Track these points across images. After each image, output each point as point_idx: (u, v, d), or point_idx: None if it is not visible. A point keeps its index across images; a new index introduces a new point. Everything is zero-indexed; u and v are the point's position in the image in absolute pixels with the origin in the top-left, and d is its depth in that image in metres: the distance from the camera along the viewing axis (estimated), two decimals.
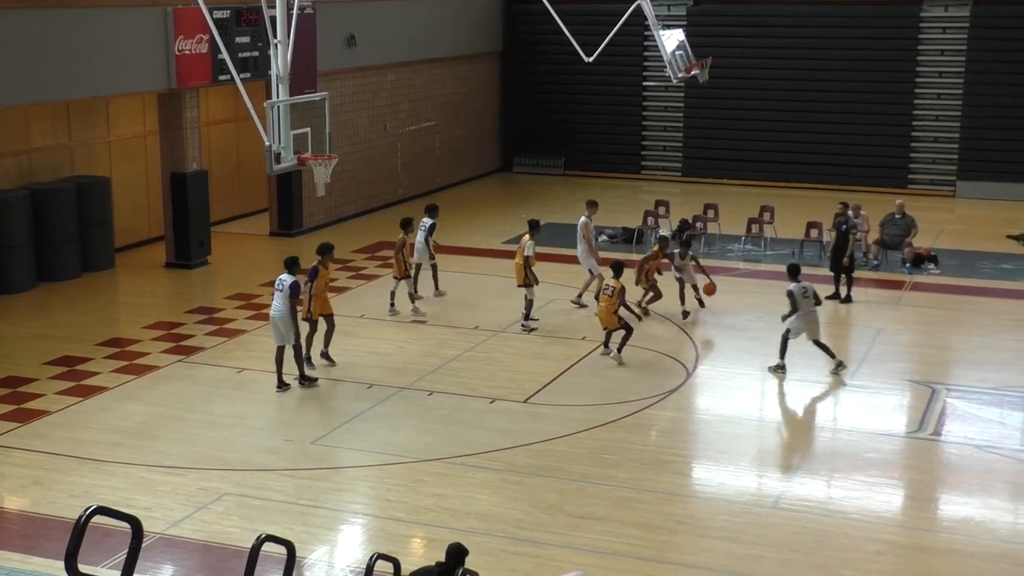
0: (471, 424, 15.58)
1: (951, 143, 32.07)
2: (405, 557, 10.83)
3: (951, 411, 16.29)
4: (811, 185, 32.42)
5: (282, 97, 16.09)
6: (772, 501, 13.43)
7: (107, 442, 14.80)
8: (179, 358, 18.18)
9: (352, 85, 28.39)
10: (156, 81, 22.59)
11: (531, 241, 19.60)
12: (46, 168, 23.31)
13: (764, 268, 24.19)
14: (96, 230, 23.22)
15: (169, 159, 23.77)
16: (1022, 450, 14.99)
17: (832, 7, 32.67)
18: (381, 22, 29.22)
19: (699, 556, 12.04)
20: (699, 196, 29.48)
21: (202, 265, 23.94)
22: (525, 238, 19.69)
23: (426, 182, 31.97)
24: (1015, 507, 13.70)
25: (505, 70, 35.93)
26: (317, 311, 17.38)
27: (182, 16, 22.52)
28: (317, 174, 16.91)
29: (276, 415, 16.16)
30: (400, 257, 20.31)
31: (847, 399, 16.91)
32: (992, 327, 20.19)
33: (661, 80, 32.37)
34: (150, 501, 13.05)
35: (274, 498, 13.26)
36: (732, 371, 18.28)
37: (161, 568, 11.80)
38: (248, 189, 28.45)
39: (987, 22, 31.32)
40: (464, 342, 18.97)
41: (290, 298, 16.43)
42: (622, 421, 15.65)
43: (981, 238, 26.93)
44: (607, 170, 34.75)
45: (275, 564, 10.01)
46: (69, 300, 21.36)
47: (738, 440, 15.31)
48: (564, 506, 13.11)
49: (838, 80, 32.51)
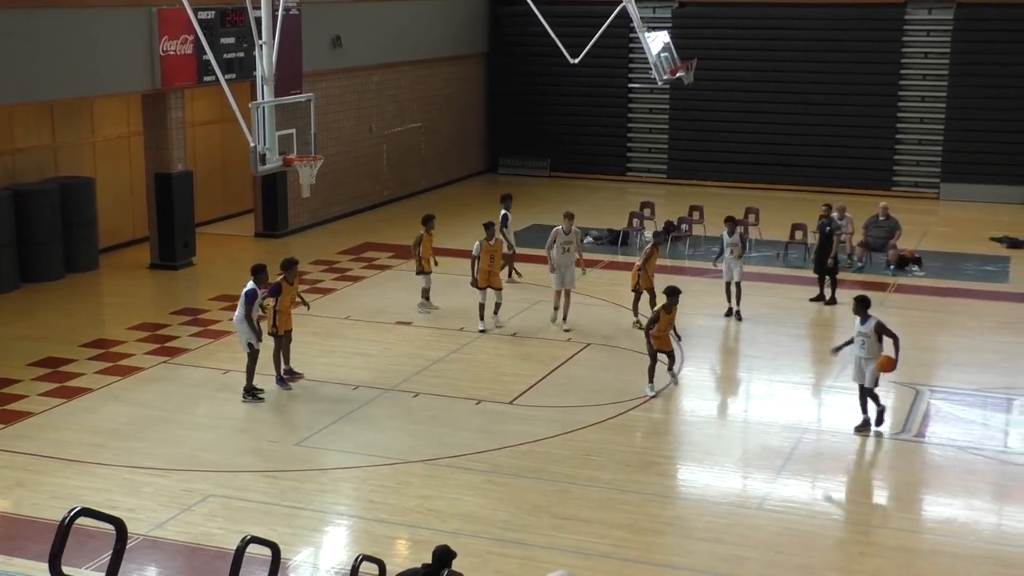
0: (456, 425, 15.57)
1: (935, 145, 32.21)
2: (390, 559, 10.82)
3: (935, 412, 16.35)
4: (796, 187, 32.50)
5: (267, 98, 16.07)
6: (757, 502, 13.46)
7: (91, 443, 14.76)
8: (163, 359, 18.14)
9: (337, 86, 28.37)
10: (141, 82, 22.53)
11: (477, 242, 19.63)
12: (30, 168, 23.23)
13: (749, 270, 24.19)
14: (80, 231, 23.15)
15: (154, 160, 23.72)
16: (1005, 451, 15.06)
17: (817, 9, 32.77)
18: (366, 23, 29.20)
19: (684, 557, 12.06)
20: (684, 198, 29.52)
21: (187, 266, 23.89)
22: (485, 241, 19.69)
23: (411, 183, 31.96)
24: (998, 508, 13.76)
25: (491, 71, 35.94)
26: (283, 327, 16.86)
27: (167, 17, 22.47)
28: (302, 175, 16.89)
29: (260, 416, 16.12)
30: (416, 252, 20.48)
31: (832, 401, 16.95)
32: (975, 329, 20.28)
33: (646, 82, 32.43)
34: (134, 503, 13.01)
35: (259, 500, 13.23)
36: (717, 372, 18.33)
37: (145, 570, 11.78)
38: (233, 190, 28.40)
39: (970, 24, 31.45)
40: (449, 343, 18.97)
41: (243, 304, 16.30)
42: (607, 423, 15.66)
43: (965, 240, 27.03)
44: (592, 172, 34.79)
45: (260, 566, 10.00)
46: (53, 301, 21.29)
47: (723, 442, 15.35)
48: (549, 507, 13.12)
49: (823, 82, 32.61)
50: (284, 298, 16.77)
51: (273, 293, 16.70)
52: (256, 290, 16.35)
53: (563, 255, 19.77)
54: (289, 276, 16.92)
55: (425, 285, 20.75)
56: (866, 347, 15.24)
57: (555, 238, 19.90)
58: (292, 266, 17.09)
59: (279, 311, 16.73)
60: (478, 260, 19.49)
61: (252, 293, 16.30)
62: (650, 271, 19.97)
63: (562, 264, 19.75)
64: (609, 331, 19.72)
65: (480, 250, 19.48)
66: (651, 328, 16.69)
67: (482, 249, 19.48)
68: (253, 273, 16.55)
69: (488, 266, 19.49)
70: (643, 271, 19.81)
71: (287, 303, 16.92)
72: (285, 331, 16.96)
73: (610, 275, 23.79)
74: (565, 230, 19.96)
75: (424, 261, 20.56)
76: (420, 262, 20.59)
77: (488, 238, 19.63)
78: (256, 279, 16.44)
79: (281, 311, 16.77)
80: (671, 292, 16.86)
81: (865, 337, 15.23)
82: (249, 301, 16.27)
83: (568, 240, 19.89)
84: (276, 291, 16.72)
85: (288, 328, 17.02)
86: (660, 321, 16.64)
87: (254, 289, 16.34)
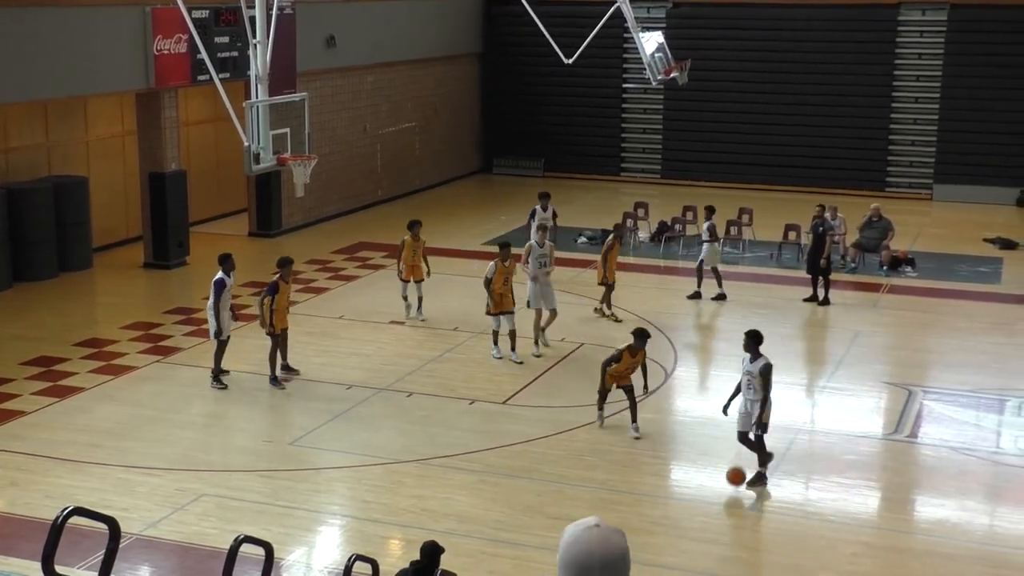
0: (450, 425, 15.58)
1: (928, 146, 32.24)
2: (383, 558, 10.83)
3: (928, 413, 16.38)
4: (789, 188, 32.52)
5: (261, 97, 16.06)
6: (750, 503, 13.48)
7: (84, 443, 14.74)
8: (157, 359, 18.12)
9: (332, 86, 28.35)
10: (134, 81, 22.51)
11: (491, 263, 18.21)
12: (23, 167, 23.19)
13: (742, 270, 24.24)
14: (74, 230, 23.12)
15: (147, 159, 23.69)
16: (997, 452, 15.09)
17: (810, 10, 32.79)
18: (361, 23, 29.18)
19: (677, 557, 12.07)
20: (678, 198, 29.54)
21: (180, 266, 23.86)
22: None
23: (405, 183, 31.95)
24: (991, 509, 13.79)
25: (485, 71, 35.93)
26: (279, 325, 16.92)
27: (161, 16, 22.45)
28: (296, 174, 16.88)
29: (254, 416, 16.12)
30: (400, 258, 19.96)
31: (824, 401, 16.98)
32: (968, 330, 20.31)
33: (641, 82, 32.37)
34: (128, 502, 13.00)
35: (252, 499, 13.23)
36: (710, 373, 18.35)
37: (139, 569, 11.77)
38: (227, 189, 28.36)
39: (964, 26, 31.49)
40: (443, 343, 18.96)
41: (212, 294, 16.55)
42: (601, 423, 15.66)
43: (958, 241, 27.07)
44: (587, 172, 34.78)
45: (253, 565, 9.99)
46: (46, 300, 21.25)
47: (716, 442, 15.34)
48: (542, 507, 13.12)
49: (816, 83, 32.63)
50: (281, 296, 16.86)
51: (270, 292, 16.79)
52: (224, 279, 16.60)
53: (540, 269, 18.65)
54: (285, 274, 17.01)
55: (404, 293, 20.09)
56: (752, 388, 13.63)
57: (529, 252, 18.82)
58: (288, 264, 17.17)
59: (275, 310, 16.80)
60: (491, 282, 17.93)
61: (220, 282, 16.55)
62: (611, 264, 20.14)
63: (542, 281, 18.70)
64: (602, 331, 19.72)
65: (494, 272, 17.99)
66: (609, 365, 15.05)
67: (496, 271, 17.98)
68: (220, 262, 16.79)
69: (502, 289, 17.99)
70: (606, 264, 20.03)
71: (284, 302, 17.01)
72: (282, 329, 17.03)
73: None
74: (539, 242, 19.02)
75: (411, 269, 19.83)
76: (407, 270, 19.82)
77: (503, 259, 18.05)
78: (223, 268, 16.69)
79: (277, 310, 16.85)
80: (639, 335, 15.15)
81: (751, 377, 13.62)
82: (217, 290, 16.50)
83: (543, 254, 18.81)
84: (273, 290, 16.79)
85: (284, 326, 17.11)
86: (621, 363, 15.05)
87: (222, 279, 16.58)
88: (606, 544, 3.52)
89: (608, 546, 3.52)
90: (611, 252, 20.12)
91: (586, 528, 3.55)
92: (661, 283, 22.69)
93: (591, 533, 3.54)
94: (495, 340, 18.31)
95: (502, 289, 17.98)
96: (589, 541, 3.52)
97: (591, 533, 3.54)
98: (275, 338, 16.95)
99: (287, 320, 17.23)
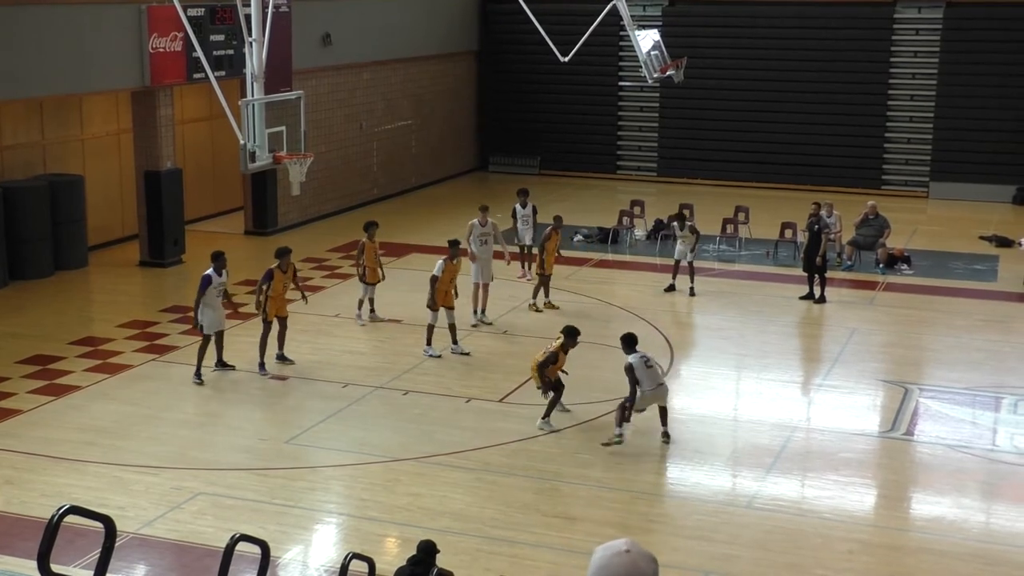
0: (446, 423, 15.57)
1: (924, 144, 32.26)
2: (380, 557, 10.82)
3: (924, 411, 16.39)
4: (785, 186, 32.53)
5: (257, 95, 16.03)
6: (746, 501, 13.48)
7: (80, 441, 14.73)
8: (153, 357, 18.10)
9: (327, 84, 28.33)
10: (130, 79, 22.49)
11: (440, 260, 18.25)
12: (19, 166, 23.16)
13: (739, 268, 24.26)
14: (69, 228, 23.08)
15: (143, 157, 23.66)
16: (993, 449, 15.10)
17: (806, 8, 32.81)
18: (357, 20, 29.16)
19: (673, 555, 12.06)
20: (674, 196, 29.51)
21: (176, 264, 23.84)
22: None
23: (402, 181, 31.93)
24: (987, 506, 13.80)
25: (481, 69, 35.92)
26: (272, 313, 17.24)
27: (156, 14, 22.42)
28: (292, 173, 16.87)
29: (250, 414, 16.11)
30: (360, 260, 19.69)
31: (820, 399, 16.98)
32: (964, 327, 20.32)
33: (636, 80, 32.39)
34: (123, 500, 12.99)
35: (248, 497, 13.22)
36: (706, 371, 18.35)
37: (134, 568, 11.76)
38: (223, 187, 28.34)
39: (960, 24, 31.52)
40: (439, 341, 18.94)
41: (199, 289, 16.72)
42: (596, 420, 15.66)
43: (954, 239, 27.09)
44: (582, 170, 34.79)
45: (249, 564, 9.99)
46: (42, 298, 21.23)
47: (712, 440, 15.36)
48: (539, 505, 13.13)
49: (812, 81, 32.65)
50: (275, 284, 17.17)
51: (266, 280, 17.09)
52: (211, 276, 16.79)
53: (482, 247, 19.91)
54: (282, 264, 17.29)
55: (361, 296, 19.87)
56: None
57: (471, 231, 20.02)
58: (285, 254, 17.46)
59: (270, 297, 17.10)
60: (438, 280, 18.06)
61: (206, 279, 16.76)
62: (549, 256, 20.33)
63: (482, 256, 19.86)
64: (598, 329, 19.71)
65: (442, 270, 18.06)
66: (546, 367, 15.20)
67: (444, 269, 18.08)
68: (212, 260, 16.98)
69: (447, 287, 18.17)
70: (543, 254, 20.31)
71: (279, 289, 17.28)
72: (275, 317, 17.24)
73: (599, 273, 23.82)
74: (481, 222, 20.13)
75: (369, 271, 19.67)
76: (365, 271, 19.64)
77: (451, 257, 18.20)
78: (215, 265, 16.85)
79: (272, 297, 17.13)
80: (570, 333, 15.31)
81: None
82: (203, 286, 16.69)
83: (485, 232, 20.06)
84: (268, 277, 17.13)
85: (282, 315, 17.38)
86: (558, 362, 15.30)
87: (209, 275, 16.78)
88: (635, 572, 3.35)
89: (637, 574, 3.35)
90: (548, 243, 20.47)
91: (616, 553, 3.36)
92: (657, 281, 22.66)
93: (621, 559, 3.34)
94: (428, 339, 18.29)
95: (447, 287, 18.27)
96: (618, 568, 3.34)
97: (621, 559, 3.34)
98: (267, 325, 17.22)
99: (286, 309, 17.55)
